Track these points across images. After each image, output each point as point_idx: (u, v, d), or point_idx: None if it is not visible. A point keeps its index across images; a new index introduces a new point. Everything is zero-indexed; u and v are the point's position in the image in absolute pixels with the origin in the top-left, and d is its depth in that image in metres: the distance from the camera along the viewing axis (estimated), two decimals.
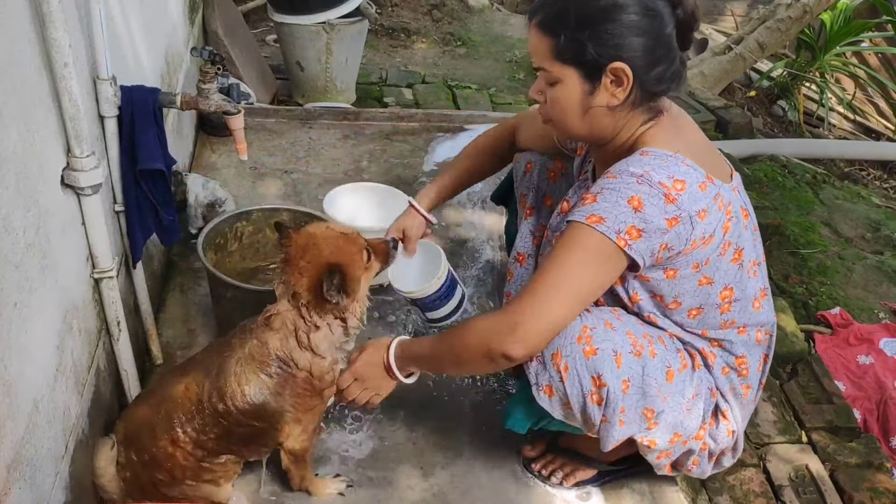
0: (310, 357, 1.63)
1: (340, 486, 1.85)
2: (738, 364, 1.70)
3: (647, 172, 1.45)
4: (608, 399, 1.57)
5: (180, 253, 2.60)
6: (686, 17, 1.50)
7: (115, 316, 1.80)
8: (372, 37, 4.98)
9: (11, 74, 1.28)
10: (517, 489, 1.94)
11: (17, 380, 1.27)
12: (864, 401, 2.50)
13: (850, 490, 2.09)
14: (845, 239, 3.47)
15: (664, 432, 1.65)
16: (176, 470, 1.61)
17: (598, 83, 1.50)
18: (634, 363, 1.57)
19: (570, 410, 1.62)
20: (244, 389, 1.59)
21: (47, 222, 1.44)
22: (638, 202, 1.43)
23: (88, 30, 1.64)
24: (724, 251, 1.54)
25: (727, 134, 4.33)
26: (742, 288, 1.62)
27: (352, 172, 3.21)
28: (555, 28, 1.49)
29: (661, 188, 1.43)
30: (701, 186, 1.47)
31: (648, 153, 1.49)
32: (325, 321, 1.63)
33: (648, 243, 1.45)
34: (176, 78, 2.75)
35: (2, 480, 1.20)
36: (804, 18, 5.29)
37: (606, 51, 1.46)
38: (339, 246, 1.63)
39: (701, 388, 1.66)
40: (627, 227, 1.44)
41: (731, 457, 1.82)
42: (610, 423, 1.60)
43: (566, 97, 1.54)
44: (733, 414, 1.73)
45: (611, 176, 1.48)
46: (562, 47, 1.48)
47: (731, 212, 1.53)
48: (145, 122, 1.80)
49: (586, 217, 1.46)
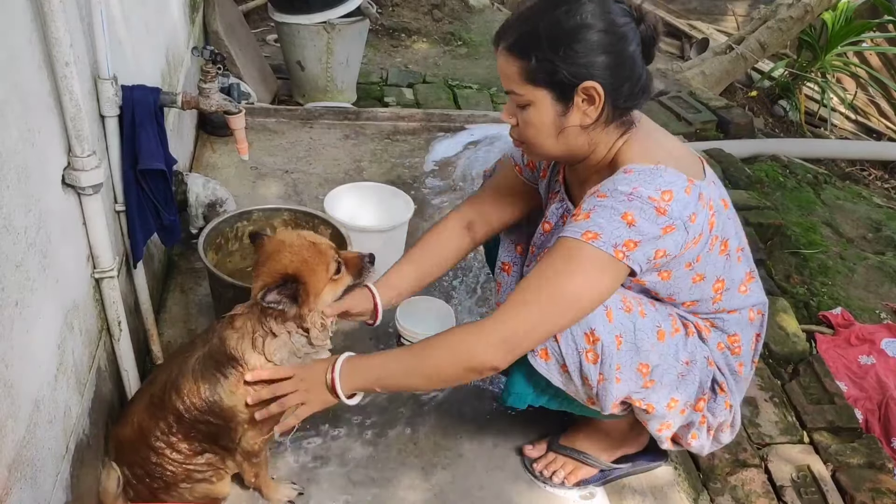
0: (262, 362, 1.61)
1: (291, 494, 1.84)
2: (730, 342, 1.73)
3: (636, 189, 1.48)
4: (603, 354, 1.59)
5: (181, 253, 2.60)
6: (650, 33, 1.52)
7: (116, 316, 1.79)
8: (373, 36, 4.98)
9: (12, 73, 1.28)
10: (518, 489, 1.94)
11: (19, 379, 1.27)
12: (866, 401, 2.50)
13: (852, 490, 2.09)
14: (847, 239, 3.47)
15: (660, 395, 1.66)
16: (166, 476, 1.64)
17: (571, 103, 1.51)
18: (625, 318, 1.59)
19: (568, 373, 1.63)
20: (199, 386, 1.60)
21: (48, 222, 1.44)
22: (631, 217, 1.46)
23: (89, 29, 1.64)
24: (712, 246, 1.58)
25: (728, 134, 4.32)
26: (731, 277, 1.66)
27: (352, 172, 3.21)
28: (525, 51, 1.49)
29: (651, 202, 1.47)
30: (686, 191, 1.50)
31: (632, 171, 1.52)
32: (286, 329, 1.61)
33: (644, 251, 1.48)
34: (177, 77, 2.75)
35: (3, 480, 1.20)
36: (805, 18, 5.29)
37: (577, 70, 1.47)
38: (301, 256, 1.60)
39: (696, 356, 1.67)
40: (624, 241, 1.46)
41: (730, 433, 1.83)
42: (607, 380, 1.61)
43: (539, 119, 1.54)
44: (730, 388, 1.75)
45: (601, 195, 1.51)
46: (533, 69, 1.49)
47: (714, 206, 1.56)
48: (146, 121, 1.80)
49: (582, 233, 1.48)
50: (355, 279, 1.72)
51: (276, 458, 1.93)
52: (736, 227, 1.68)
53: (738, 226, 1.70)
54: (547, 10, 1.48)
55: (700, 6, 6.84)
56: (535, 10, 1.51)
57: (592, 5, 1.47)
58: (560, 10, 1.47)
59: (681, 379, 1.66)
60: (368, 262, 1.74)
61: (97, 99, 1.71)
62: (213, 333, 1.65)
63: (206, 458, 1.67)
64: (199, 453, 1.66)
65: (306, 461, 1.94)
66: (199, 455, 1.66)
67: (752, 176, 3.78)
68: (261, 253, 1.64)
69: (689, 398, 1.69)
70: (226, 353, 1.61)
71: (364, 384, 1.62)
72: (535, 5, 1.52)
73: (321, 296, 1.63)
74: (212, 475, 1.69)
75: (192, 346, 1.69)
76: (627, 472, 1.98)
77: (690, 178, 1.52)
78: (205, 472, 1.68)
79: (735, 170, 3.77)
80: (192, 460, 1.65)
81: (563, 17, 1.46)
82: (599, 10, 1.47)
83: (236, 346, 1.61)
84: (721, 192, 1.64)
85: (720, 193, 1.63)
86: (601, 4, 1.47)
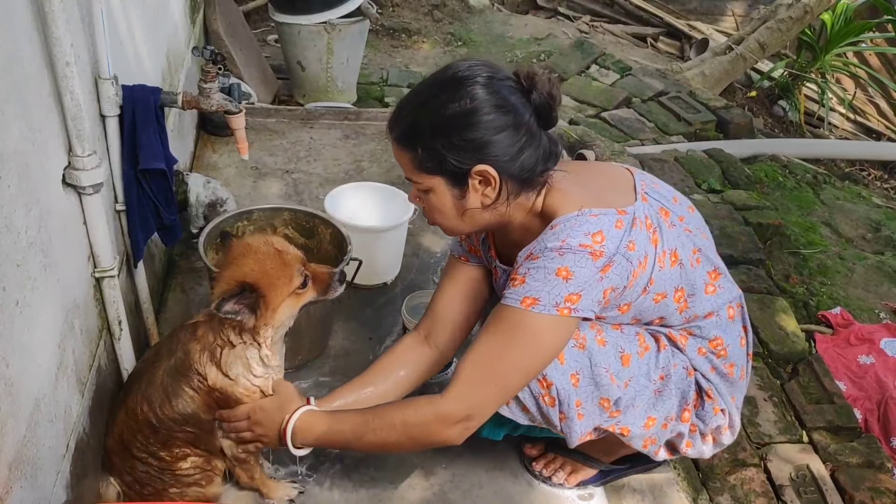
0: (220, 377, 1.58)
1: (292, 493, 1.83)
2: (712, 346, 1.69)
3: (565, 241, 1.46)
4: (559, 396, 1.59)
5: (181, 252, 2.60)
6: (543, 100, 1.47)
7: (117, 315, 1.80)
8: (373, 37, 4.99)
9: (13, 73, 1.28)
10: (518, 489, 1.94)
11: (19, 378, 1.27)
12: (865, 401, 2.50)
13: (851, 490, 2.09)
14: (846, 239, 3.47)
15: (634, 417, 1.65)
16: (155, 483, 1.64)
17: (466, 187, 1.49)
18: (579, 356, 1.58)
19: (530, 413, 1.64)
20: (170, 399, 1.59)
21: (49, 221, 1.44)
22: (566, 272, 1.45)
23: (90, 29, 1.64)
24: (662, 263, 1.55)
25: (728, 134, 4.33)
26: (691, 283, 1.62)
27: (352, 172, 3.21)
28: (411, 141, 1.49)
29: (583, 249, 1.45)
30: (617, 225, 1.48)
31: (557, 224, 1.49)
32: (243, 339, 1.57)
33: (590, 298, 1.47)
34: (177, 77, 2.75)
35: (3, 479, 1.20)
36: (805, 19, 5.30)
37: (466, 156, 1.45)
38: (263, 265, 1.55)
39: (670, 369, 1.65)
40: (565, 297, 1.45)
41: (730, 434, 1.80)
42: (569, 418, 1.62)
43: (440, 203, 1.54)
44: (719, 392, 1.72)
45: (533, 258, 1.49)
46: (421, 159, 1.48)
47: (652, 224, 1.54)
48: (147, 121, 1.80)
49: (520, 301, 1.48)
50: (320, 295, 1.65)
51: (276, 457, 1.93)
52: (685, 230, 1.63)
53: (689, 227, 1.64)
54: (429, 99, 1.47)
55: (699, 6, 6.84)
56: (419, 100, 1.50)
57: (475, 89, 1.43)
58: (441, 98, 1.45)
59: (657, 396, 1.65)
60: (337, 281, 1.67)
61: (98, 98, 1.72)
62: (178, 344, 1.62)
63: (192, 461, 1.66)
64: (183, 458, 1.65)
65: (306, 459, 1.94)
66: (182, 460, 1.65)
67: (751, 176, 3.79)
68: (226, 256, 1.60)
69: (668, 412, 1.67)
70: (190, 366, 1.58)
71: (315, 443, 1.66)
72: (419, 94, 1.51)
73: (278, 310, 1.56)
74: (200, 478, 1.69)
75: (158, 355, 1.65)
76: (627, 472, 1.98)
77: (620, 208, 1.50)
78: (192, 475, 1.67)
79: (735, 170, 3.77)
80: (177, 465, 1.64)
81: (444, 105, 1.44)
82: (483, 92, 1.43)
83: (199, 358, 1.58)
84: (661, 202, 1.60)
85: (658, 204, 1.59)
86: (485, 86, 1.44)
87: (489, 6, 6.02)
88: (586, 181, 1.59)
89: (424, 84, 1.54)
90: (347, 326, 2.39)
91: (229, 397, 1.61)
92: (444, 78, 1.49)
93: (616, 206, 1.51)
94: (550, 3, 6.74)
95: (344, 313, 2.43)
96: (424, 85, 1.53)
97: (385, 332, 2.39)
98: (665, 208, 1.60)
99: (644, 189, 1.60)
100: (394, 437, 1.58)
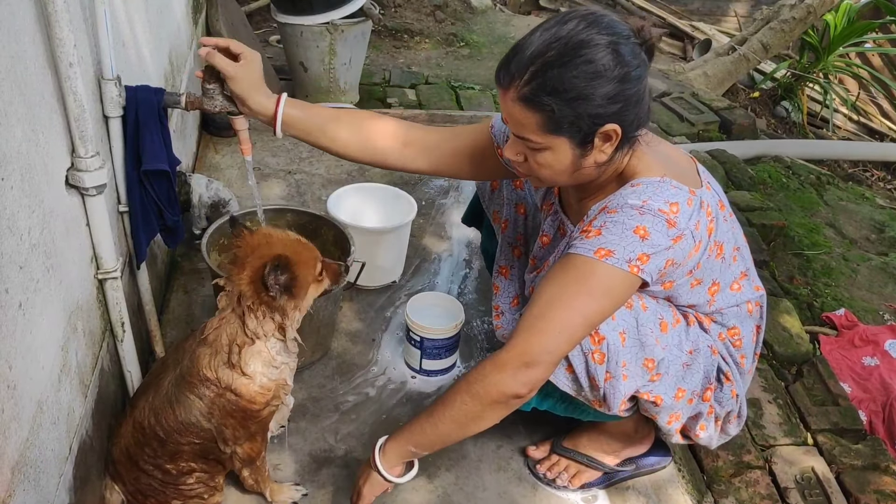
0: (235, 377, 1.56)
1: (295, 496, 1.82)
2: (731, 335, 1.74)
3: (646, 202, 1.48)
4: (609, 352, 1.59)
5: (184, 254, 2.60)
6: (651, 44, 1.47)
7: (120, 317, 1.79)
8: (375, 37, 4.98)
9: (16, 74, 1.28)
10: (522, 491, 1.93)
11: (22, 381, 1.27)
12: (870, 402, 2.49)
13: (856, 492, 2.08)
14: (850, 240, 3.46)
15: (667, 386, 1.66)
16: (158, 496, 1.64)
17: (591, 146, 1.47)
18: (627, 315, 1.60)
19: (574, 374, 1.63)
20: (175, 410, 1.57)
21: (52, 223, 1.44)
22: (644, 231, 1.47)
23: (93, 30, 1.64)
24: (710, 252, 1.59)
25: (731, 135, 4.32)
26: (724, 279, 1.68)
27: (355, 173, 3.20)
28: (543, 102, 1.42)
29: (662, 215, 1.47)
30: (688, 202, 1.51)
31: (640, 184, 1.52)
32: (265, 330, 1.55)
33: (656, 262, 1.49)
34: (180, 78, 2.75)
35: (6, 482, 1.20)
36: (808, 19, 5.29)
37: (601, 118, 1.43)
38: (293, 247, 1.57)
39: (699, 344, 1.68)
40: (638, 255, 1.46)
41: (737, 423, 1.83)
42: (615, 377, 1.62)
43: (556, 160, 1.50)
44: (734, 376, 1.76)
45: (611, 211, 1.50)
46: (553, 120, 1.43)
47: (712, 212, 1.57)
48: (150, 122, 1.79)
49: (594, 251, 1.47)
50: (332, 284, 1.69)
51: (278, 460, 1.92)
52: (732, 228, 1.69)
53: (734, 224, 1.70)
54: (561, 59, 1.40)
55: (702, 7, 6.84)
56: (548, 59, 1.40)
57: (607, 51, 1.39)
58: (577, 60, 1.39)
59: (686, 369, 1.67)
60: (344, 272, 1.72)
61: (101, 99, 1.71)
62: (184, 353, 1.61)
63: (196, 476, 1.66)
64: (189, 472, 1.64)
65: (309, 463, 1.94)
66: (188, 474, 1.64)
67: (754, 177, 3.77)
68: (243, 245, 1.57)
69: (695, 387, 1.70)
70: (198, 374, 1.56)
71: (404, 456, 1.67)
72: (545, 51, 1.41)
73: (307, 295, 1.59)
74: (203, 492, 1.69)
75: (164, 367, 1.65)
76: (632, 474, 1.97)
77: (691, 188, 1.53)
78: (196, 489, 1.67)
79: (738, 171, 3.76)
80: (181, 479, 1.64)
81: (580, 66, 1.39)
82: (612, 54, 1.40)
83: (208, 363, 1.55)
84: (718, 195, 1.65)
85: (717, 196, 1.64)
86: (613, 48, 1.40)
87: (491, 7, 6.01)
88: (663, 154, 1.61)
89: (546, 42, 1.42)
90: (350, 328, 2.38)
91: (242, 397, 1.57)
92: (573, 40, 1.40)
93: (688, 185, 1.54)
94: (553, 3, 6.73)
95: (346, 315, 2.43)
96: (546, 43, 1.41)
97: (388, 333, 2.39)
98: (722, 201, 1.65)
99: (707, 178, 1.64)
100: (459, 405, 1.55)
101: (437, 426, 1.60)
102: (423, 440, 1.64)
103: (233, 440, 1.63)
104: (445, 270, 2.71)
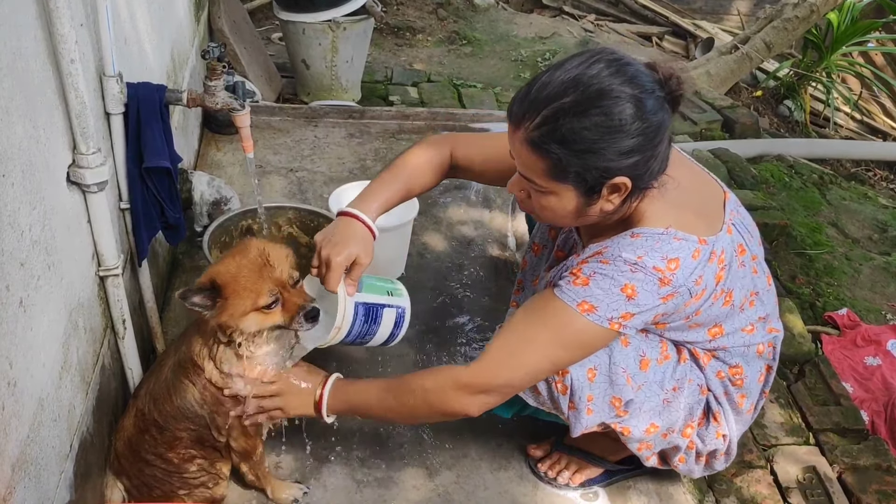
0: (212, 368, 1.60)
1: (297, 493, 1.82)
2: (731, 373, 1.68)
3: (641, 258, 1.43)
4: (572, 388, 1.59)
5: (185, 251, 2.60)
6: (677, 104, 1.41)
7: (121, 314, 1.79)
8: (377, 35, 4.98)
9: (17, 70, 1.27)
10: (523, 489, 1.93)
11: (23, 378, 1.27)
12: (872, 402, 2.49)
13: (858, 492, 2.07)
14: (852, 240, 3.45)
15: (638, 420, 1.65)
16: (163, 485, 1.66)
17: (597, 196, 1.42)
18: (600, 352, 1.58)
19: (540, 396, 1.64)
20: (171, 395, 1.62)
21: (53, 220, 1.43)
22: (632, 290, 1.43)
23: (95, 26, 1.64)
24: (715, 299, 1.53)
25: (733, 133, 4.31)
26: (731, 324, 1.62)
27: (357, 171, 3.20)
28: (550, 149, 1.36)
29: (656, 273, 1.42)
30: (693, 255, 1.45)
31: (640, 234, 1.46)
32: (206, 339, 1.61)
33: (641, 318, 1.48)
34: (182, 75, 2.75)
35: (7, 479, 1.20)
36: (811, 18, 5.28)
37: (609, 172, 1.37)
38: (238, 271, 1.52)
39: (684, 383, 1.64)
40: (621, 314, 1.45)
41: (724, 461, 1.81)
42: (578, 410, 1.62)
43: (560, 206, 1.45)
44: (726, 418, 1.72)
45: (604, 261, 1.46)
46: (560, 168, 1.38)
47: (725, 260, 1.50)
48: (151, 119, 1.79)
49: (578, 303, 1.46)
50: (285, 322, 1.56)
51: (280, 458, 1.92)
52: (752, 273, 1.60)
53: (757, 268, 1.61)
54: (577, 107, 1.33)
55: (705, 6, 6.83)
56: (563, 105, 1.34)
57: (627, 104, 1.33)
58: (593, 110, 1.33)
59: (665, 405, 1.64)
60: (303, 317, 1.55)
61: (102, 96, 1.71)
62: (183, 339, 1.65)
63: (198, 464, 1.68)
64: (189, 460, 1.66)
65: (311, 461, 1.94)
66: (189, 462, 1.67)
67: (757, 176, 3.76)
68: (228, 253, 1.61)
69: (672, 423, 1.67)
70: (191, 359, 1.61)
71: (343, 408, 1.69)
72: (562, 95, 1.34)
73: (242, 320, 1.52)
74: (207, 480, 1.70)
75: (166, 354, 1.70)
76: (633, 472, 1.97)
77: (702, 236, 1.46)
78: (199, 477, 1.69)
79: (740, 170, 3.75)
80: (184, 468, 1.66)
81: (595, 117, 1.33)
82: (633, 108, 1.33)
83: (199, 352, 1.61)
84: (741, 237, 1.56)
85: (739, 239, 1.55)
86: (636, 101, 1.33)
87: (494, 5, 6.01)
88: (680, 197, 1.50)
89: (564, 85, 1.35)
90: None
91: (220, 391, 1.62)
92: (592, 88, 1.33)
93: (700, 233, 1.47)
94: (555, 1, 6.72)
95: None
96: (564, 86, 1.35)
97: None
98: (743, 245, 1.56)
99: (732, 220, 1.55)
100: (411, 402, 1.59)
101: (382, 405, 1.65)
102: (364, 412, 1.72)
103: (224, 429, 1.64)
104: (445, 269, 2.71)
